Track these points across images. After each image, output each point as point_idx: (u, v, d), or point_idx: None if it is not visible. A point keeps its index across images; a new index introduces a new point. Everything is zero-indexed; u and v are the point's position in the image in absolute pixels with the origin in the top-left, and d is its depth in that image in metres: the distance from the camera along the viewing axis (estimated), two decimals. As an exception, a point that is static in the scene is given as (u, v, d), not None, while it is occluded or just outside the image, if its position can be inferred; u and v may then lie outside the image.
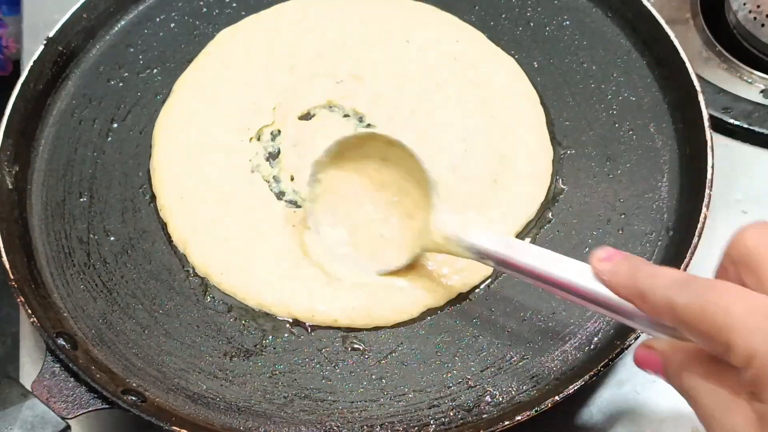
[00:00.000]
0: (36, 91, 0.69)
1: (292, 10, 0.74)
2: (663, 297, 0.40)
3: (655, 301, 0.41)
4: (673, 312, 0.40)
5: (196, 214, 0.63)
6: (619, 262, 0.44)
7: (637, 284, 0.42)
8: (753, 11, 0.73)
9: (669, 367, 0.43)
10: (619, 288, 0.44)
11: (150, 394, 0.56)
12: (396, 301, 0.59)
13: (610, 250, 0.45)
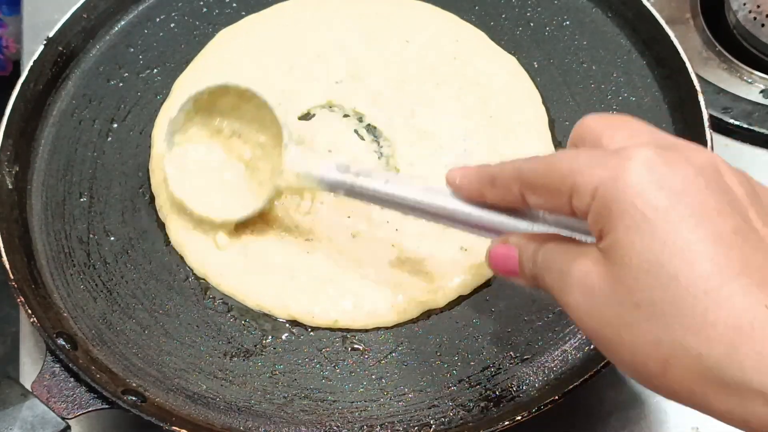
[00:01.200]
0: (36, 91, 0.68)
1: (292, 10, 0.74)
2: (511, 169, 0.43)
3: (503, 177, 0.44)
4: (520, 177, 0.43)
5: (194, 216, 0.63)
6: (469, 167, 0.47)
7: (487, 171, 0.45)
8: (753, 11, 0.73)
9: (524, 253, 0.44)
10: (472, 184, 0.46)
11: (150, 394, 0.56)
12: (396, 302, 0.59)
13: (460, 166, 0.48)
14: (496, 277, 0.60)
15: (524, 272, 0.44)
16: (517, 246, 0.45)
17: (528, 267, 0.44)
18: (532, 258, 0.43)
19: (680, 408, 0.53)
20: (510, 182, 0.44)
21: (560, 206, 0.40)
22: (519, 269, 0.44)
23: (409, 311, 0.59)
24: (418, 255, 0.61)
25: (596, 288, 0.38)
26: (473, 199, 0.47)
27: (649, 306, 0.36)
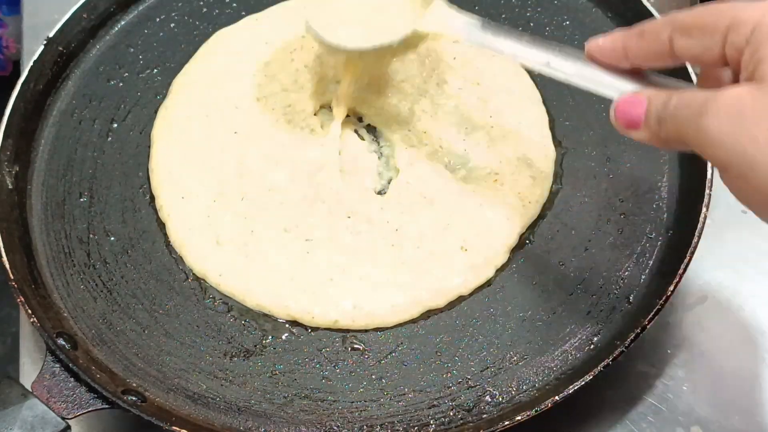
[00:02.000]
0: (36, 91, 0.69)
1: (291, 10, 0.74)
2: (663, 18, 0.45)
3: (654, 25, 0.45)
4: (673, 22, 0.44)
5: (194, 215, 0.63)
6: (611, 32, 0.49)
7: (634, 27, 0.47)
8: (753, 11, 0.73)
9: (654, 100, 0.44)
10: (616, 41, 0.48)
11: (150, 394, 0.56)
12: (396, 302, 0.59)
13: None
14: (496, 277, 0.60)
15: (650, 119, 0.44)
16: (648, 96, 0.45)
17: (657, 112, 0.44)
18: (663, 103, 0.44)
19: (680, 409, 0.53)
20: (661, 28, 0.45)
21: (711, 47, 0.42)
22: (645, 117, 0.45)
23: (409, 311, 0.59)
24: (418, 255, 0.61)
25: (746, 108, 0.39)
26: (612, 57, 0.48)
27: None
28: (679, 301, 0.62)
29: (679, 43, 0.44)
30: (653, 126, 0.44)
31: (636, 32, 0.47)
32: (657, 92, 0.45)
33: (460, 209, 0.62)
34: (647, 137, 0.45)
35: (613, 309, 0.58)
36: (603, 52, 0.49)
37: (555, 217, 0.63)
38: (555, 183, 0.64)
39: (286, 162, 0.65)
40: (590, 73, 0.50)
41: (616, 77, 0.49)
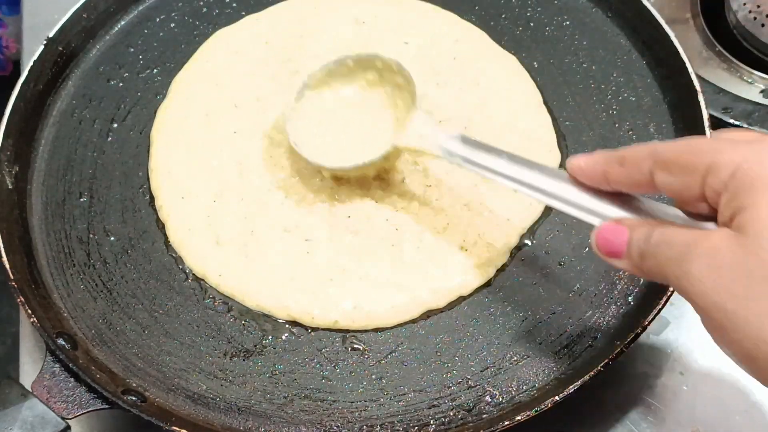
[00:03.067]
0: (36, 91, 0.69)
1: (291, 10, 0.74)
2: (644, 148, 0.44)
3: (635, 155, 0.44)
4: (654, 154, 0.43)
5: (194, 215, 0.63)
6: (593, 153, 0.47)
7: (617, 152, 0.46)
8: (753, 11, 0.73)
9: (636, 232, 0.44)
10: (597, 165, 0.47)
11: (150, 394, 0.56)
12: (396, 302, 0.59)
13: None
14: (496, 277, 0.60)
15: (632, 251, 0.44)
16: (629, 226, 0.45)
17: (638, 245, 0.43)
18: (644, 237, 0.43)
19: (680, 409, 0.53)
20: (642, 160, 0.44)
21: (690, 185, 0.41)
22: (626, 248, 0.44)
23: (409, 311, 0.59)
24: (418, 255, 0.61)
25: (726, 261, 0.38)
26: (593, 180, 0.47)
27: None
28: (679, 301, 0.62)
29: (659, 178, 0.43)
30: (635, 259, 0.44)
31: (617, 159, 0.46)
32: (639, 223, 0.45)
33: (461, 209, 0.62)
34: (628, 268, 0.45)
35: (613, 309, 0.58)
36: (583, 174, 0.48)
37: (555, 217, 0.63)
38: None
39: (286, 164, 0.65)
40: (571, 195, 0.49)
41: (598, 200, 0.48)
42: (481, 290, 0.60)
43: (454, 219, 0.62)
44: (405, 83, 0.62)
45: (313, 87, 0.64)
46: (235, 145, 0.66)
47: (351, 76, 0.64)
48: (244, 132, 0.67)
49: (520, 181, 0.52)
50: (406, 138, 0.59)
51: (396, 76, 0.62)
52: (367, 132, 0.63)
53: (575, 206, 0.49)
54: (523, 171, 0.52)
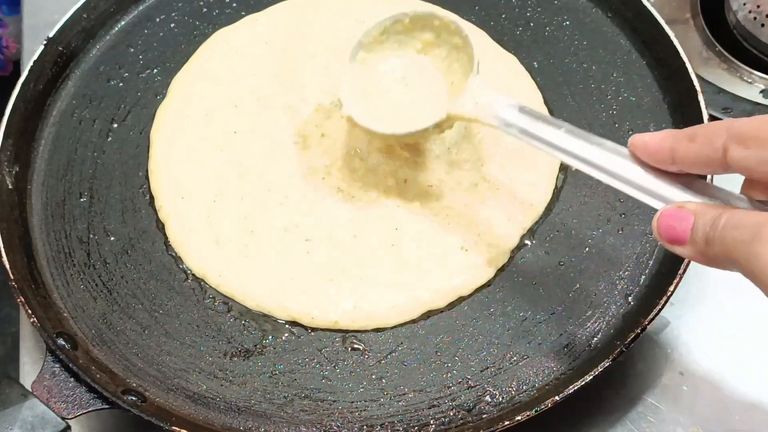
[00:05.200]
0: (36, 91, 0.69)
1: (291, 10, 0.74)
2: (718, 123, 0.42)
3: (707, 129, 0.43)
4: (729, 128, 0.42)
5: (194, 216, 0.63)
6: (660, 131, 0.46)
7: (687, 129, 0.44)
8: (753, 11, 0.73)
9: (702, 217, 0.42)
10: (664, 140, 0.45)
11: (150, 394, 0.56)
12: (396, 302, 0.59)
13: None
14: (496, 277, 0.60)
15: (696, 237, 0.42)
16: (694, 211, 0.43)
17: (704, 231, 0.42)
18: (711, 221, 0.42)
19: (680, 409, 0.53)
20: (715, 134, 0.42)
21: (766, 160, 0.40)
22: (691, 234, 0.43)
23: (409, 312, 0.59)
24: (418, 255, 0.61)
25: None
26: (658, 158, 0.46)
27: None
28: (679, 301, 0.62)
29: (734, 153, 0.41)
30: (700, 245, 0.42)
31: (687, 134, 0.44)
32: (704, 207, 0.43)
33: (461, 209, 0.62)
34: (692, 254, 0.43)
35: (613, 309, 0.58)
36: (648, 151, 0.46)
37: (555, 217, 0.63)
38: (555, 183, 0.64)
39: (286, 164, 0.65)
40: (632, 174, 0.47)
41: (660, 181, 0.46)
42: (481, 290, 0.60)
43: (454, 219, 0.62)
44: (463, 45, 0.59)
45: (367, 46, 0.61)
46: (235, 145, 0.66)
47: (407, 34, 0.61)
48: (244, 132, 0.67)
49: (577, 156, 0.49)
50: (462, 106, 0.56)
51: (453, 36, 0.59)
52: (420, 97, 0.60)
53: (635, 186, 0.47)
54: (582, 145, 0.49)
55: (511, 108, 0.54)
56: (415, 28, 0.61)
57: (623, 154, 0.47)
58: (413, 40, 0.62)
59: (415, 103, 0.60)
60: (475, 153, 0.65)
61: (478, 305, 0.59)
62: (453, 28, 0.59)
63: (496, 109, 0.54)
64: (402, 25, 0.61)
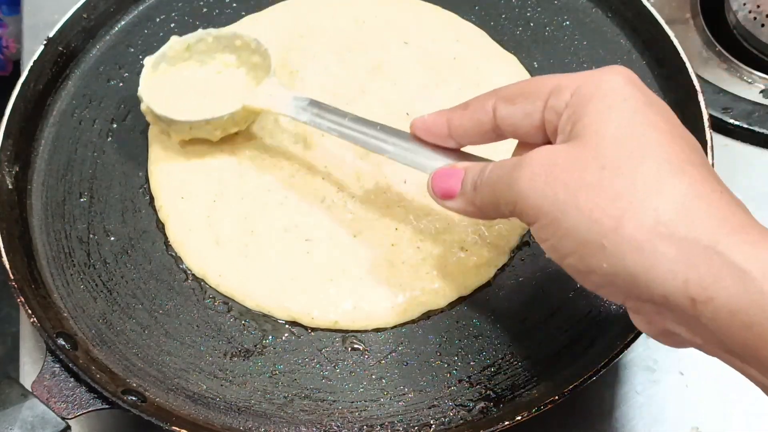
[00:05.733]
0: (36, 91, 0.69)
1: (291, 10, 0.74)
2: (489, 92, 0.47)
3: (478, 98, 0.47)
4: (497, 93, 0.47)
5: (194, 216, 0.63)
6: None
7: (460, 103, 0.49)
8: (753, 11, 0.73)
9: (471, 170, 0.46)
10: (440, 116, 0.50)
11: (150, 394, 0.56)
12: (396, 302, 0.59)
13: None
14: (496, 277, 0.60)
15: (466, 187, 0.46)
16: (465, 167, 0.47)
17: (473, 179, 0.46)
18: (480, 171, 0.46)
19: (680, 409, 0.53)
20: (485, 99, 0.46)
21: (532, 113, 0.44)
22: (461, 186, 0.47)
23: (409, 312, 0.59)
24: (418, 255, 0.61)
25: (559, 159, 0.41)
26: (436, 133, 0.50)
27: (615, 167, 0.39)
28: (679, 301, 0.62)
29: (501, 112, 0.45)
30: (469, 193, 0.46)
31: (461, 105, 0.48)
32: (474, 163, 0.47)
33: (460, 209, 0.62)
34: (462, 205, 0.47)
35: (613, 309, 0.58)
36: (427, 127, 0.50)
37: (555, 217, 0.63)
38: (555, 183, 0.64)
39: (285, 164, 0.65)
40: (412, 150, 0.52)
41: (436, 155, 0.50)
42: (481, 290, 0.60)
43: (454, 219, 0.62)
44: (261, 61, 0.64)
45: (170, 59, 0.65)
46: (234, 145, 0.66)
47: (209, 54, 0.66)
48: (244, 132, 0.67)
49: (362, 140, 0.55)
50: (255, 98, 0.62)
51: (253, 55, 0.65)
52: (221, 98, 0.64)
53: (414, 162, 0.52)
54: (364, 129, 0.55)
55: (301, 100, 0.60)
56: (218, 48, 0.66)
57: (403, 135, 0.53)
58: (214, 60, 0.66)
59: (214, 101, 0.64)
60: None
61: (478, 305, 0.59)
62: (254, 47, 0.65)
63: (288, 100, 0.61)
64: (205, 44, 0.66)
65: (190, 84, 0.66)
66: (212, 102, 0.64)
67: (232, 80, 0.66)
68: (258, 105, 0.62)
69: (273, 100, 0.61)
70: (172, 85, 0.65)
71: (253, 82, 0.65)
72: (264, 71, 0.64)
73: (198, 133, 0.64)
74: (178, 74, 0.66)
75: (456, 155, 0.51)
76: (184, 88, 0.65)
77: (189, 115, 0.62)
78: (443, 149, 0.51)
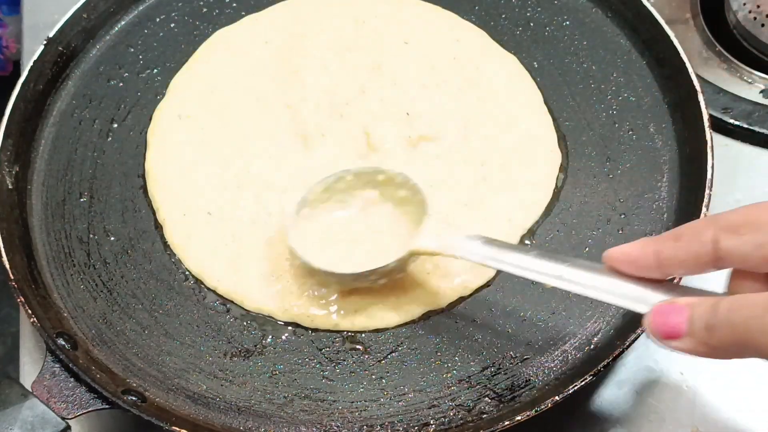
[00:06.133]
0: (36, 91, 0.69)
1: (291, 10, 0.74)
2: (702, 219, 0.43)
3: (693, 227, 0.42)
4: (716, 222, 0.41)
5: (192, 218, 0.63)
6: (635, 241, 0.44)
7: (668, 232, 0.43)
8: (753, 11, 0.73)
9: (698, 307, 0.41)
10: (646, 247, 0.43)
11: (150, 394, 0.56)
12: (396, 305, 0.59)
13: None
14: (496, 277, 0.60)
15: (695, 327, 0.41)
16: (688, 303, 0.41)
17: (703, 318, 0.40)
18: (710, 308, 0.40)
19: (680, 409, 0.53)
20: (701, 229, 0.41)
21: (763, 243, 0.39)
22: (688, 325, 0.41)
23: (409, 312, 0.59)
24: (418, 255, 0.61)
25: None
26: (641, 265, 0.44)
27: None
28: (679, 301, 0.62)
29: (726, 244, 0.40)
30: (700, 333, 0.40)
31: (671, 236, 0.43)
32: (699, 299, 0.41)
33: (461, 209, 0.62)
34: (692, 346, 0.41)
35: (613, 309, 0.58)
36: (630, 259, 0.44)
37: (555, 217, 0.63)
38: (555, 183, 0.64)
39: (285, 163, 0.65)
40: (612, 285, 0.45)
41: (643, 288, 0.44)
42: (481, 290, 0.60)
43: (455, 219, 0.62)
44: (411, 195, 0.59)
45: (311, 203, 0.60)
46: (234, 147, 0.66)
47: (349, 192, 0.60)
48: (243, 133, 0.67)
49: (550, 275, 0.48)
50: (422, 241, 0.56)
51: (399, 189, 0.59)
52: (377, 240, 0.59)
53: (617, 295, 0.45)
54: (553, 266, 0.48)
55: (473, 240, 0.54)
56: (359, 185, 0.60)
57: (597, 269, 0.46)
58: (355, 198, 0.60)
59: (371, 244, 0.59)
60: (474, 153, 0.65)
61: (478, 305, 0.59)
62: (399, 181, 0.59)
63: (459, 242, 0.54)
64: (345, 182, 0.60)
65: (337, 227, 0.60)
66: (368, 247, 0.59)
67: (380, 219, 0.60)
68: (427, 248, 0.56)
69: (442, 242, 0.55)
70: (319, 230, 0.60)
71: (404, 218, 0.59)
72: (415, 206, 0.58)
73: (361, 282, 0.58)
74: (322, 218, 0.60)
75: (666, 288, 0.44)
76: (331, 232, 0.60)
77: (349, 265, 0.57)
78: (646, 281, 0.44)
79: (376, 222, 0.60)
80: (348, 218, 0.60)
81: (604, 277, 0.45)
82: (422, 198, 0.57)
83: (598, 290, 0.46)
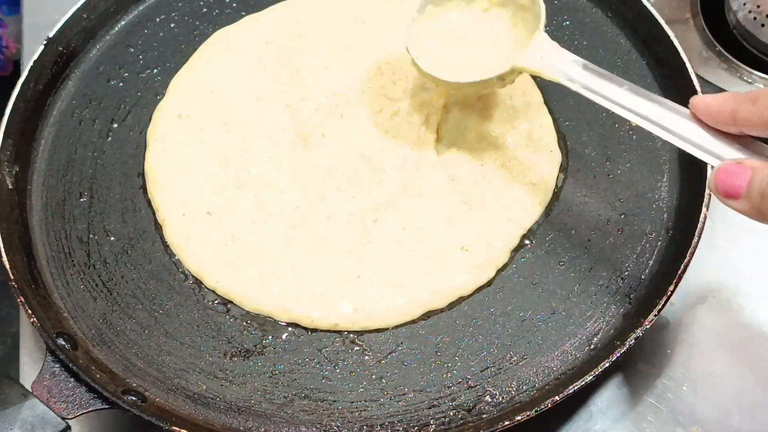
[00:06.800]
0: (36, 91, 0.69)
1: (291, 10, 0.74)
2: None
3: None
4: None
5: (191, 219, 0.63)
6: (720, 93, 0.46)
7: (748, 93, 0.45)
8: (753, 11, 0.73)
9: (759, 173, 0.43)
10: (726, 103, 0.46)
11: (150, 394, 0.56)
12: (396, 303, 0.59)
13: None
14: (496, 277, 0.60)
15: (752, 192, 0.43)
16: (752, 167, 0.44)
17: (761, 185, 0.43)
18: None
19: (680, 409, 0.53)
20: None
21: None
22: (747, 189, 0.43)
23: (409, 312, 0.59)
24: (418, 255, 0.61)
25: None
26: (719, 119, 0.47)
27: None
28: (679, 301, 0.62)
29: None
30: (755, 199, 0.43)
31: (749, 97, 0.45)
32: (763, 164, 0.43)
33: (461, 209, 0.62)
34: (746, 208, 0.44)
35: (613, 309, 0.58)
36: (710, 112, 0.47)
37: (555, 217, 0.63)
38: (555, 183, 0.64)
39: (285, 164, 0.65)
40: (691, 133, 0.48)
41: (719, 141, 0.47)
42: (481, 290, 0.60)
43: (455, 219, 0.62)
44: (530, 4, 0.59)
45: (436, 0, 0.62)
46: (234, 147, 0.66)
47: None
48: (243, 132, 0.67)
49: (637, 113, 0.51)
50: (526, 59, 0.57)
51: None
52: (485, 50, 0.61)
53: (693, 144, 0.48)
54: (642, 102, 0.51)
55: (575, 64, 0.55)
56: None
57: (683, 113, 0.49)
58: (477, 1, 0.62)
59: (479, 55, 0.61)
60: (475, 153, 0.65)
61: (478, 305, 0.59)
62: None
63: (560, 64, 0.56)
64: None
65: (455, 32, 0.62)
66: (477, 56, 0.61)
67: (497, 26, 0.62)
68: (529, 67, 0.57)
69: (544, 63, 0.56)
70: (437, 34, 0.62)
71: (520, 25, 0.60)
72: (532, 16, 0.59)
73: (464, 90, 0.62)
74: (444, 17, 0.62)
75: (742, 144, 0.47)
76: (448, 38, 0.62)
77: (456, 74, 0.59)
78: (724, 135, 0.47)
79: (490, 30, 0.62)
80: (466, 23, 0.62)
81: (687, 122, 0.48)
82: (539, 10, 0.58)
83: (678, 137, 0.48)
